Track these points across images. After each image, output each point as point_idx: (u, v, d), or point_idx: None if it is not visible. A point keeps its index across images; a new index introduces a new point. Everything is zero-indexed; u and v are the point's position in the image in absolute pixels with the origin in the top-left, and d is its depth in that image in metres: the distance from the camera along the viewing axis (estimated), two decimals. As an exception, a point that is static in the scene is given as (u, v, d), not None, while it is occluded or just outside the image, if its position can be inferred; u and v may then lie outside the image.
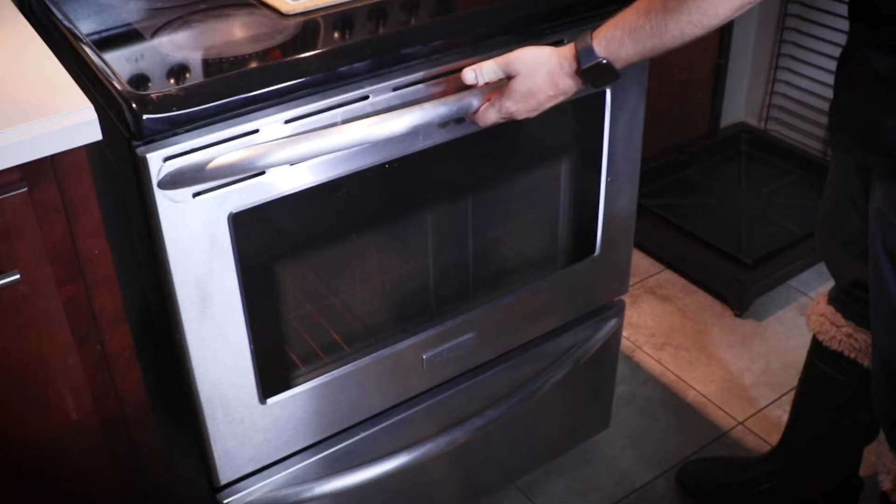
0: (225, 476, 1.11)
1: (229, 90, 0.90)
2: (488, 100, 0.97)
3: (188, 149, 0.88)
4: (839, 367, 1.27)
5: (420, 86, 1.00)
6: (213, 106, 0.89)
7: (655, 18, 0.87)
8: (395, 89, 0.99)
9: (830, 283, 1.97)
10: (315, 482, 1.19)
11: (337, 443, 1.20)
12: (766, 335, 1.88)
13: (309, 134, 0.93)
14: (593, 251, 1.32)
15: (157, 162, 0.87)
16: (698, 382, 1.77)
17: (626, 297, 1.44)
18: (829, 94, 2.08)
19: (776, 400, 1.72)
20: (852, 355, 1.24)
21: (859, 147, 1.01)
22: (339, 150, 0.96)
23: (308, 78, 0.94)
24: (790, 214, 2.02)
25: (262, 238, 1.01)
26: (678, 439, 1.64)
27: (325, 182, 1.00)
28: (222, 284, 0.97)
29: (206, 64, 1.04)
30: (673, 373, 1.79)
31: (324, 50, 1.01)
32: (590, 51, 0.92)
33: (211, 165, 0.89)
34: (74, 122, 0.82)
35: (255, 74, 0.95)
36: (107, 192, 0.95)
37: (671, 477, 1.56)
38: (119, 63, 0.98)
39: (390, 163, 1.03)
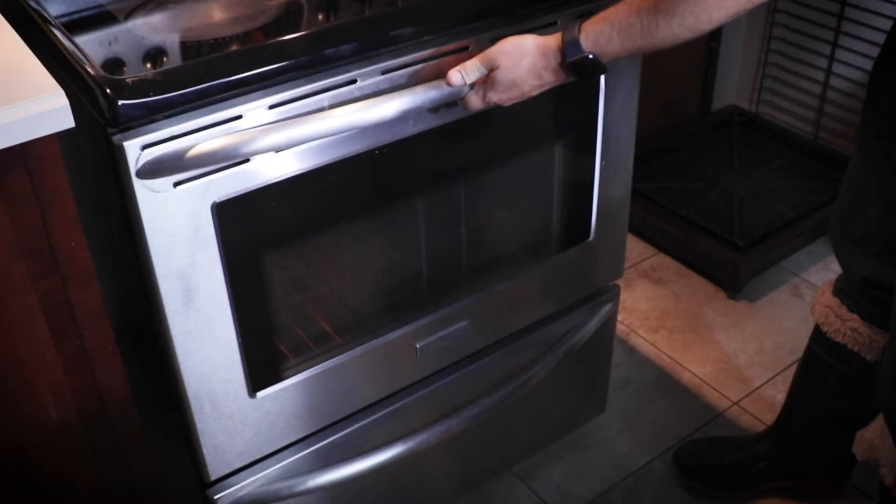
0: (215, 472, 1.08)
1: (209, 74, 0.86)
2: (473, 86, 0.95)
3: (168, 136, 0.84)
4: (841, 358, 1.26)
5: (410, 69, 0.96)
6: (193, 91, 0.85)
7: (647, 18, 0.85)
8: (383, 73, 0.95)
9: (822, 265, 2.00)
10: (308, 475, 1.17)
11: (330, 435, 1.18)
12: (759, 316, 1.86)
13: (294, 120, 0.89)
14: (588, 236, 1.29)
15: (135, 150, 0.83)
16: (693, 364, 1.75)
17: (619, 282, 1.42)
18: (821, 76, 2.10)
19: (770, 380, 1.72)
20: (855, 348, 1.23)
21: None
22: (326, 136, 0.92)
23: (292, 61, 0.90)
24: (782, 196, 2.00)
25: (248, 228, 0.97)
26: (674, 421, 1.63)
27: (313, 169, 0.96)
28: (207, 276, 0.94)
29: (185, 47, 1.00)
30: (667, 355, 1.78)
31: (308, 32, 0.97)
32: (576, 44, 0.89)
33: (192, 153, 0.85)
34: (45, 109, 0.78)
35: (237, 58, 0.92)
36: (82, 181, 0.92)
37: (668, 458, 1.55)
38: (91, 46, 0.94)
39: (380, 149, 1.00)
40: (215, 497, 1.10)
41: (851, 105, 2.06)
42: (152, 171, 0.85)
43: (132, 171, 0.84)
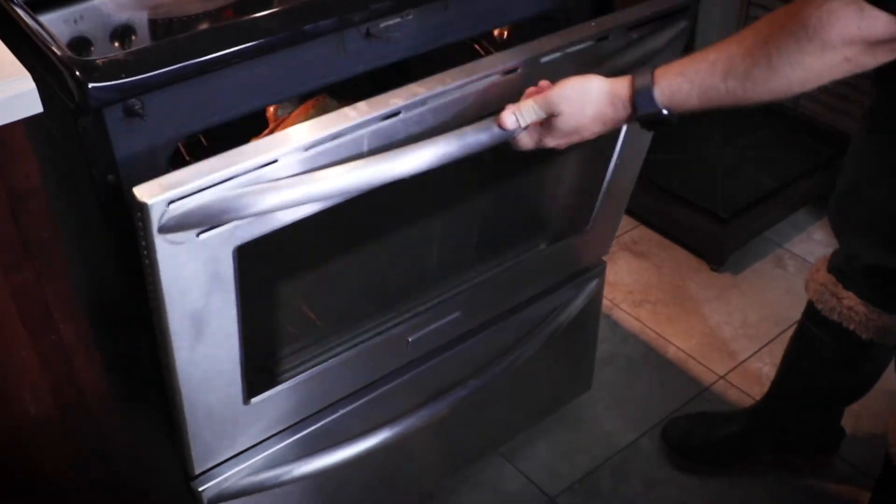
0: (200, 466, 1.06)
1: (183, 54, 0.82)
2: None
3: (196, 188, 0.74)
4: (835, 336, 1.25)
5: (457, 95, 0.88)
6: (167, 72, 0.80)
7: (734, 83, 0.78)
8: (425, 103, 0.86)
9: (804, 235, 2.00)
10: (294, 463, 1.15)
11: (315, 422, 1.16)
12: (743, 288, 1.86)
13: (335, 170, 0.80)
14: (587, 225, 1.27)
15: (161, 207, 0.74)
16: (678, 338, 1.75)
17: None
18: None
19: (756, 352, 1.72)
20: (851, 327, 1.21)
21: None
22: (369, 188, 0.83)
23: (270, 38, 0.86)
24: (764, 167, 1.99)
25: (264, 262, 0.91)
26: (660, 397, 1.63)
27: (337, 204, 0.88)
28: (220, 313, 0.88)
29: (154, 25, 0.96)
30: (652, 330, 1.77)
31: (284, 7, 0.93)
32: (649, 96, 0.82)
33: (223, 206, 0.76)
34: (10, 94, 0.74)
35: (211, 36, 0.87)
36: (52, 169, 0.87)
37: (655, 435, 1.55)
38: (56, 25, 0.89)
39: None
40: (200, 489, 1.08)
41: (831, 74, 2.05)
42: (177, 226, 0.76)
43: (154, 227, 0.75)
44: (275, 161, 0.78)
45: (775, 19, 0.77)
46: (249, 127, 1.28)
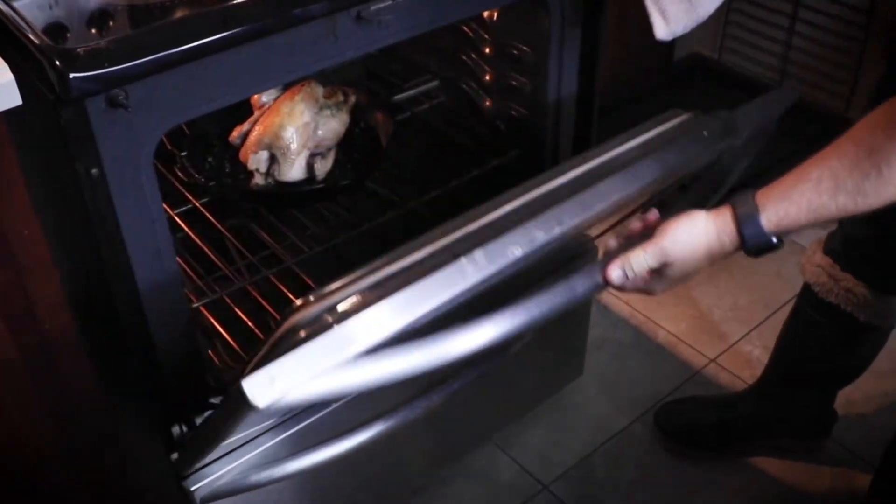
0: (193, 467, 1.03)
1: (168, 42, 0.79)
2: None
3: (308, 378, 0.67)
4: (833, 318, 1.24)
5: (557, 232, 0.79)
6: (152, 60, 0.77)
7: (844, 198, 0.76)
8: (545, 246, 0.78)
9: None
10: (287, 460, 1.12)
11: (307, 417, 1.14)
12: (732, 270, 1.86)
13: (453, 338, 0.75)
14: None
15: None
16: (668, 322, 1.74)
17: (595, 241, 1.39)
18: (785, 22, 2.08)
19: (746, 335, 1.72)
20: (848, 308, 1.20)
21: None
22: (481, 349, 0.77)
23: (260, 23, 0.83)
24: (750, 146, 1.99)
25: None
26: (652, 381, 1.62)
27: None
28: None
29: (132, 10, 0.92)
30: (642, 314, 1.76)
31: (271, -10, 0.90)
32: (757, 225, 0.79)
33: (330, 387, 0.69)
34: (-13, 86, 0.71)
35: (195, 23, 0.84)
36: (32, 163, 0.83)
37: (648, 420, 1.54)
38: (31, 11, 0.85)
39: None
40: (192, 488, 1.05)
41: (816, 51, 2.04)
42: (278, 411, 0.71)
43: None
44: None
45: (875, 126, 0.74)
46: (233, 114, 1.25)
